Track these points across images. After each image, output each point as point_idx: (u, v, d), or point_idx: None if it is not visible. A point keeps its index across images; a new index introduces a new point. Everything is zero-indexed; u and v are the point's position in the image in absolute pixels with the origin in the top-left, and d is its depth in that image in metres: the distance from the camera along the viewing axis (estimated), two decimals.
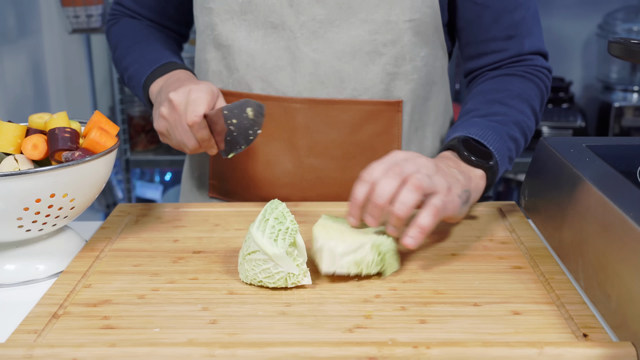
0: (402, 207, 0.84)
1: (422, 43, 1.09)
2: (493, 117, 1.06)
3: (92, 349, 0.70)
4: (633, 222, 0.71)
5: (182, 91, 1.00)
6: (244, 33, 1.10)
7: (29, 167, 0.89)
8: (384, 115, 1.11)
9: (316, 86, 1.09)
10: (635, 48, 0.82)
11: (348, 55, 1.08)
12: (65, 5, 2.55)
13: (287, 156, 1.13)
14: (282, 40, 1.09)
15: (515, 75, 1.12)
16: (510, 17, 1.10)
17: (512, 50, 1.12)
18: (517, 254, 0.92)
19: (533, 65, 1.14)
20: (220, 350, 0.69)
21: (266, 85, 1.11)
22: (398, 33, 1.07)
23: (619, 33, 2.66)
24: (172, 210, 1.09)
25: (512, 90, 1.10)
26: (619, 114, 2.58)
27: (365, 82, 1.09)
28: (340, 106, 1.10)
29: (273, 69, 1.10)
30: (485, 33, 1.12)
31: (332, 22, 1.07)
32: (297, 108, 1.10)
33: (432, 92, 1.15)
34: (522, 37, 1.12)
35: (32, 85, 2.39)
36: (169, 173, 3.14)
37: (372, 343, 0.70)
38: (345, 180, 1.12)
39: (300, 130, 1.11)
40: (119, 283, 0.85)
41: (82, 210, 0.91)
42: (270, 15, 1.08)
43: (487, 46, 1.13)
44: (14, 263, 0.89)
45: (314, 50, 1.08)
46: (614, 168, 0.88)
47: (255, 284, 0.84)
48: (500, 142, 1.03)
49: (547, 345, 0.69)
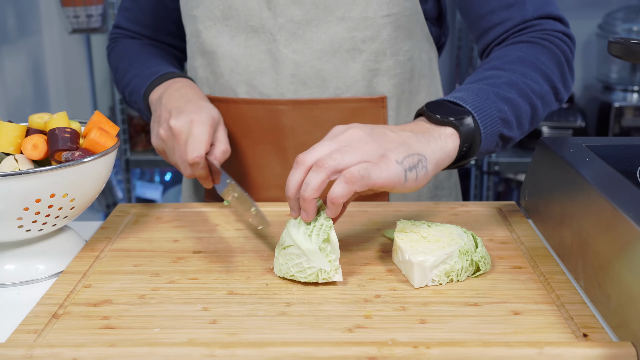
0: (306, 189, 0.82)
1: (404, 37, 1.09)
2: (480, 82, 0.96)
3: (92, 349, 0.70)
4: (633, 222, 0.71)
5: (183, 120, 0.99)
6: (226, 38, 1.10)
7: (29, 167, 0.89)
8: (368, 112, 1.10)
9: (299, 87, 1.09)
10: (635, 48, 0.82)
11: (328, 54, 1.08)
12: (65, 5, 2.55)
13: (275, 158, 1.13)
14: (263, 44, 1.09)
15: (520, 43, 1.04)
16: None
17: (515, 19, 1.05)
18: (517, 254, 0.92)
19: (542, 30, 1.04)
20: (220, 350, 0.69)
21: (250, 89, 1.11)
22: (377, 29, 1.07)
23: (619, 33, 2.66)
24: (172, 210, 1.09)
25: (511, 56, 1.00)
26: (619, 114, 2.58)
27: (347, 80, 1.09)
28: (323, 105, 1.10)
29: (256, 72, 1.10)
30: (484, 6, 1.06)
31: (309, 22, 1.07)
32: (282, 110, 1.10)
33: (420, 86, 1.14)
34: (523, 3, 1.04)
35: (32, 85, 2.39)
36: (169, 173, 3.14)
37: (372, 343, 0.70)
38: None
39: (286, 131, 1.12)
40: (119, 283, 0.85)
41: (82, 210, 0.91)
42: (250, 19, 1.08)
43: (489, 20, 1.06)
44: (14, 263, 0.89)
45: (294, 52, 1.08)
46: (614, 168, 0.88)
47: (287, 277, 0.85)
48: (483, 101, 0.91)
49: (547, 345, 0.69)
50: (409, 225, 0.91)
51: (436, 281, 0.84)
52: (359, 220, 1.04)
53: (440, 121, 0.88)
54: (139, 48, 1.24)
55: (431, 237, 0.88)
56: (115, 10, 2.55)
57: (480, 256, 0.86)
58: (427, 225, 0.91)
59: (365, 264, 0.90)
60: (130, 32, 1.28)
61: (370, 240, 0.97)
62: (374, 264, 0.90)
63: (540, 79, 0.99)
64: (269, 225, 0.97)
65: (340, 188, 0.80)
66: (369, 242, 0.97)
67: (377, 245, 0.96)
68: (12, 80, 2.23)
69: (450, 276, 0.84)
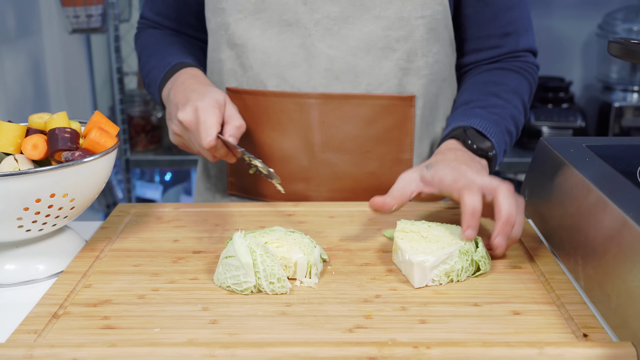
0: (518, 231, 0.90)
1: (433, 39, 1.11)
2: (492, 109, 1.09)
3: (92, 349, 0.70)
4: (633, 222, 0.71)
5: (189, 110, 1.01)
6: (257, 32, 1.11)
7: (29, 167, 0.89)
8: (397, 109, 1.12)
9: (331, 81, 1.11)
10: (635, 48, 0.82)
11: (362, 50, 1.09)
12: (65, 5, 2.55)
13: (303, 152, 1.14)
14: (297, 38, 1.10)
15: (510, 70, 1.16)
16: (509, 14, 1.14)
17: (507, 47, 1.17)
18: (517, 254, 0.92)
19: (525, 62, 1.18)
20: (220, 350, 0.69)
21: (281, 82, 1.12)
22: (410, 29, 1.09)
23: (619, 33, 2.66)
24: (172, 210, 1.09)
25: (508, 85, 1.14)
26: (619, 114, 2.58)
27: (380, 77, 1.11)
28: (355, 101, 1.11)
29: (288, 66, 1.11)
30: (483, 29, 1.16)
31: (346, 18, 1.09)
32: (312, 103, 1.11)
33: (442, 89, 1.16)
34: (518, 35, 1.16)
35: (32, 85, 2.39)
36: (169, 173, 3.14)
37: (372, 343, 0.70)
38: (360, 174, 1.14)
39: (316, 125, 1.12)
40: (119, 283, 0.85)
41: (82, 210, 0.91)
42: (285, 14, 1.10)
43: (484, 42, 1.17)
44: (14, 263, 0.89)
45: (328, 47, 1.09)
46: (614, 168, 0.88)
47: (224, 287, 0.83)
48: (500, 135, 1.06)
49: (547, 345, 0.69)
50: (409, 225, 0.91)
51: (436, 281, 0.84)
52: (359, 220, 1.04)
53: (479, 153, 1.02)
54: (160, 38, 1.26)
55: (431, 237, 0.88)
56: (115, 10, 2.55)
57: (481, 256, 0.86)
58: (427, 225, 0.91)
59: (365, 264, 0.90)
60: (153, 23, 1.30)
61: (370, 240, 0.97)
62: (374, 264, 0.90)
63: (522, 110, 1.15)
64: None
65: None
66: (369, 242, 0.97)
67: (377, 245, 0.96)
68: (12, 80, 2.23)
69: (450, 276, 0.84)
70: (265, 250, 0.83)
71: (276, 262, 0.82)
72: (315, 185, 1.15)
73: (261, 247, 0.83)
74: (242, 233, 0.86)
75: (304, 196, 1.16)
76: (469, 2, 1.13)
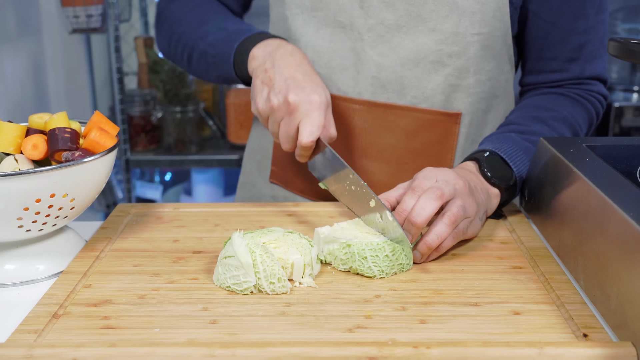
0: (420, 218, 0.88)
1: (489, 57, 1.08)
2: (530, 136, 1.05)
3: (92, 349, 0.70)
4: (633, 222, 0.71)
5: (303, 98, 0.97)
6: (312, 29, 1.11)
7: (29, 167, 0.89)
8: (441, 125, 1.10)
9: (377, 89, 1.10)
10: (635, 48, 0.82)
11: (412, 62, 1.08)
12: (65, 5, 2.55)
13: (341, 155, 1.14)
14: (349, 41, 1.09)
15: (568, 97, 1.12)
16: (578, 39, 1.09)
17: (572, 73, 1.12)
18: (517, 254, 0.92)
19: (589, 90, 1.13)
20: (220, 350, 0.69)
21: (329, 83, 1.12)
22: (465, 45, 1.06)
23: (619, 33, 2.66)
24: (172, 210, 1.09)
25: (560, 112, 1.09)
26: (619, 114, 2.58)
27: (426, 91, 1.09)
28: (399, 112, 1.10)
29: (337, 68, 1.11)
30: (548, 51, 1.11)
31: (399, 28, 1.07)
32: (356, 109, 1.11)
33: (492, 105, 1.13)
34: (584, 62, 1.11)
35: (32, 85, 2.39)
36: (169, 173, 3.14)
37: (372, 343, 0.70)
38: (395, 184, 1.12)
39: (357, 131, 1.12)
40: (119, 283, 0.85)
41: (82, 210, 0.91)
42: (340, 15, 1.09)
43: (548, 65, 1.13)
44: (14, 263, 0.89)
45: (379, 54, 1.08)
46: (614, 168, 0.88)
47: (224, 287, 0.83)
48: (526, 164, 1.03)
49: (547, 345, 0.69)
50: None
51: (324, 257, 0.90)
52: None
53: (493, 182, 1.00)
54: (210, 4, 1.21)
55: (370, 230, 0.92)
56: (115, 10, 2.55)
57: (372, 262, 0.86)
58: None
59: None
60: None
61: None
62: None
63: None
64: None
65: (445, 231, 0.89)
66: None
67: None
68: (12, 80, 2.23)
69: (328, 259, 0.89)
70: (264, 250, 0.83)
71: (276, 262, 0.82)
72: None
73: (260, 247, 0.83)
74: (241, 233, 0.86)
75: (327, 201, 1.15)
76: (536, 23, 1.09)
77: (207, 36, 1.15)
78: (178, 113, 2.55)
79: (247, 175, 1.30)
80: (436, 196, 0.88)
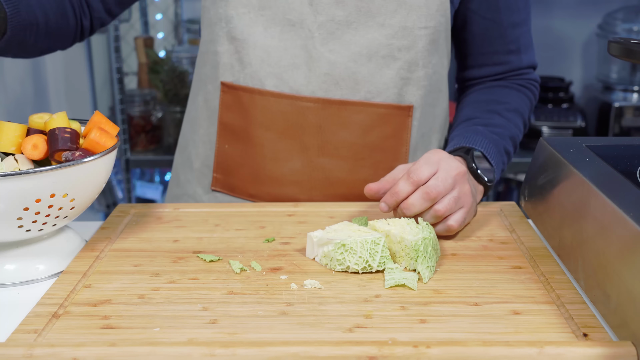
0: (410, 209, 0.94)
1: (433, 50, 1.11)
2: (494, 128, 1.10)
3: (92, 348, 0.70)
4: (633, 222, 0.71)
5: None
6: (260, 28, 1.10)
7: (29, 167, 0.89)
8: (395, 119, 1.12)
9: (331, 87, 1.10)
10: (635, 48, 0.82)
11: (364, 57, 1.09)
12: None
13: (297, 155, 1.13)
14: (299, 39, 1.09)
15: (513, 89, 1.17)
16: (513, 32, 1.15)
17: (512, 64, 1.18)
18: (517, 254, 0.92)
19: (527, 79, 1.19)
20: (220, 350, 0.69)
21: (280, 82, 1.11)
22: (413, 39, 1.09)
23: (619, 33, 2.66)
24: (172, 210, 1.09)
25: (510, 104, 1.15)
26: (619, 114, 2.58)
27: (379, 86, 1.10)
28: (353, 107, 1.11)
29: (288, 67, 1.10)
30: (489, 46, 1.16)
31: (350, 24, 1.08)
32: (310, 107, 1.11)
33: (438, 100, 1.16)
34: (520, 52, 1.17)
35: (32, 85, 2.39)
36: (169, 173, 3.14)
37: (372, 343, 0.70)
38: (353, 181, 1.13)
39: (312, 129, 1.12)
40: (119, 283, 0.85)
41: (82, 210, 0.91)
42: (289, 13, 1.09)
43: (488, 58, 1.18)
44: (14, 263, 0.89)
45: (330, 51, 1.09)
46: (614, 168, 0.88)
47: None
48: (499, 157, 1.08)
49: (547, 345, 0.69)
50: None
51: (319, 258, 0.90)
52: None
53: (482, 180, 1.03)
54: None
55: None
56: None
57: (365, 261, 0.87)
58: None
59: None
60: None
61: None
62: None
63: (522, 128, 1.16)
64: None
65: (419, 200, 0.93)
66: None
67: None
68: (12, 80, 2.23)
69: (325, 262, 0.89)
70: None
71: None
72: (307, 189, 1.15)
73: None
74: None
75: (295, 199, 1.15)
76: (476, 20, 1.14)
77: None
78: (178, 113, 2.55)
79: (181, 186, 1.24)
80: (429, 198, 0.93)
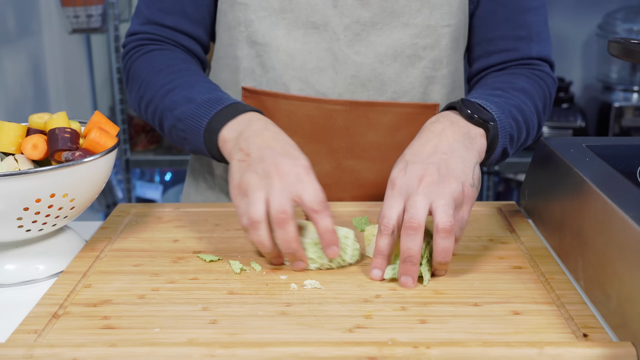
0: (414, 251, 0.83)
1: (455, 48, 1.11)
2: (495, 94, 1.02)
3: (92, 349, 0.70)
4: (633, 222, 0.71)
5: (289, 161, 0.88)
6: (282, 32, 1.08)
7: (29, 167, 0.89)
8: (421, 118, 1.10)
9: (357, 88, 1.09)
10: (635, 48, 0.82)
11: (390, 58, 1.08)
12: (65, 5, 2.55)
13: (325, 158, 1.13)
14: (324, 42, 1.08)
15: (520, 75, 1.11)
16: (523, 17, 1.11)
17: (520, 52, 1.12)
18: (517, 254, 0.92)
19: (539, 70, 1.13)
20: (220, 350, 0.69)
21: (305, 86, 1.10)
22: (437, 37, 1.08)
23: (619, 33, 2.66)
24: (172, 210, 1.09)
25: (516, 84, 1.07)
26: (619, 114, 2.58)
27: (405, 85, 1.10)
28: (380, 108, 1.10)
29: (314, 70, 1.09)
30: (496, 30, 1.13)
31: (375, 24, 1.07)
32: (338, 110, 1.10)
33: (459, 97, 1.16)
34: (530, 40, 1.12)
35: (32, 85, 2.39)
36: (169, 173, 3.14)
37: (372, 343, 0.70)
38: (381, 181, 1.12)
39: (340, 132, 1.11)
40: (119, 283, 0.85)
41: (82, 210, 0.91)
42: (312, 15, 1.07)
43: (496, 44, 1.13)
44: (14, 263, 0.89)
45: (356, 53, 1.08)
46: (614, 168, 0.88)
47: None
48: (501, 113, 0.97)
49: (547, 345, 0.69)
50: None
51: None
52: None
53: (476, 121, 0.93)
54: (176, 60, 1.10)
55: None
56: (115, 10, 2.55)
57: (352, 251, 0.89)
58: None
59: (366, 264, 0.90)
60: (147, 35, 1.13)
61: None
62: None
63: (533, 110, 1.06)
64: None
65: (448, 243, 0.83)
66: None
67: None
68: (12, 80, 2.23)
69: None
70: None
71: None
72: (337, 192, 1.14)
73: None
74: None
75: None
76: (484, 4, 1.11)
77: (175, 108, 1.03)
78: None
79: (203, 193, 1.23)
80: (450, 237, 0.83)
